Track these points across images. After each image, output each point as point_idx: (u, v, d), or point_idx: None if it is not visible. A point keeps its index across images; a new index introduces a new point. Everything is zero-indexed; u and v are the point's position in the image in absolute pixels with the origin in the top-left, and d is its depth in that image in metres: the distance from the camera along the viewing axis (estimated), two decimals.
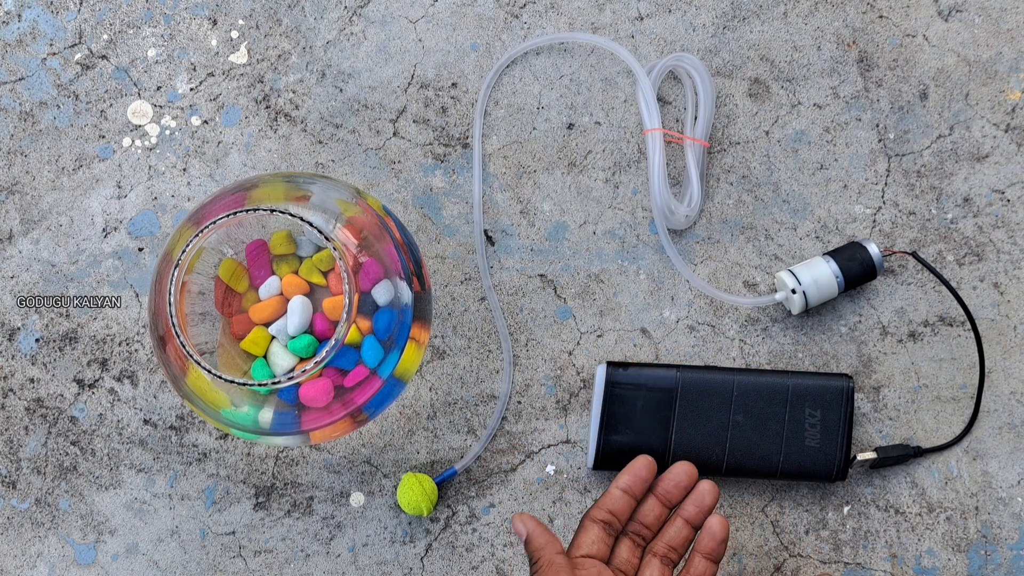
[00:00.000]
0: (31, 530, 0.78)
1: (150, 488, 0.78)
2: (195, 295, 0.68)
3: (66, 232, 0.80)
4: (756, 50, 0.80)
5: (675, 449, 0.75)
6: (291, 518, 0.77)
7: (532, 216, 0.79)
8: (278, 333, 0.68)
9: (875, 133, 0.80)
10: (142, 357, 0.79)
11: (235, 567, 0.77)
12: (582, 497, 0.77)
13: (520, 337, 0.79)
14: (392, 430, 0.78)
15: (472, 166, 0.80)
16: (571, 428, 0.78)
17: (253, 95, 0.81)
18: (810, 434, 0.74)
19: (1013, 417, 0.77)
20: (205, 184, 0.80)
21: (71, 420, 0.78)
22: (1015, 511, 0.76)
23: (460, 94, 0.81)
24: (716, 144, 0.80)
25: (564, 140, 0.80)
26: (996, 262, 0.78)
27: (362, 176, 0.80)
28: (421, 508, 0.75)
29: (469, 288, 0.79)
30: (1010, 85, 0.80)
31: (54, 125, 0.81)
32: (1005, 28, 0.80)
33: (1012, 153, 0.79)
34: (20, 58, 0.81)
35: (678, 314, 0.79)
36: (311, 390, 0.67)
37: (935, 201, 0.79)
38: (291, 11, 0.81)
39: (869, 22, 0.80)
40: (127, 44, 0.81)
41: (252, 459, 0.78)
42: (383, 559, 0.77)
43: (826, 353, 0.78)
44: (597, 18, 0.81)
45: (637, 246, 0.79)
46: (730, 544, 0.77)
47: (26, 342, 0.79)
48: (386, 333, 0.68)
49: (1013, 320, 0.78)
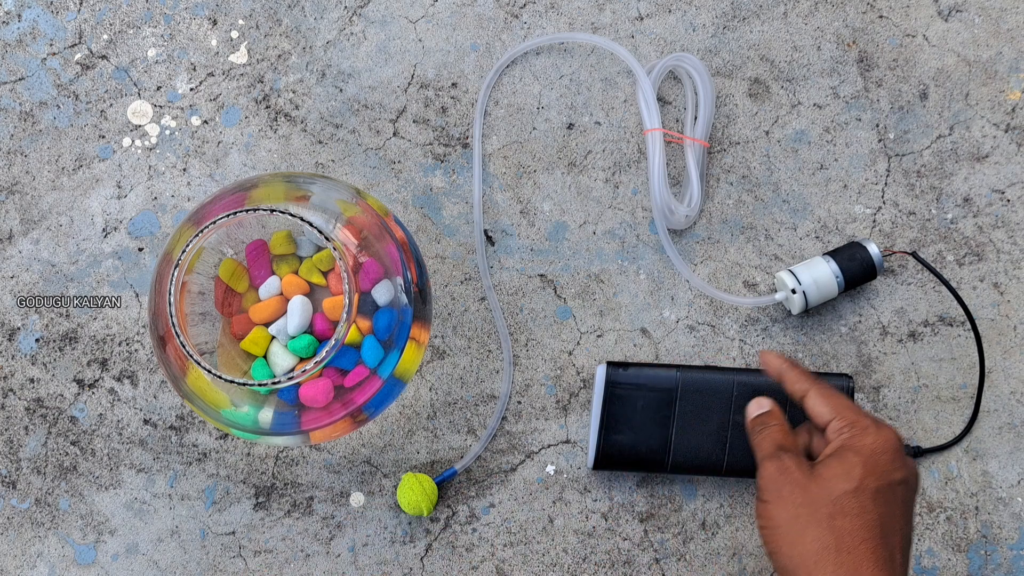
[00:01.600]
0: (31, 530, 0.78)
1: (150, 488, 0.78)
2: (195, 295, 0.68)
3: (66, 232, 0.80)
4: (756, 50, 0.80)
5: (675, 449, 0.75)
6: (291, 518, 0.77)
7: (532, 216, 0.79)
8: (278, 333, 0.68)
9: (875, 133, 0.80)
10: (142, 357, 0.79)
11: (235, 567, 0.77)
12: (582, 497, 0.77)
13: (520, 337, 0.79)
14: (392, 430, 0.78)
15: (472, 166, 0.80)
16: (571, 428, 0.78)
17: (253, 95, 0.81)
18: None
19: (1013, 417, 0.77)
20: (205, 184, 0.80)
21: (71, 420, 0.78)
22: (1015, 511, 0.76)
23: (460, 94, 0.81)
24: (716, 144, 0.80)
25: (564, 140, 0.80)
26: (996, 262, 0.78)
27: (362, 176, 0.80)
28: (421, 508, 0.75)
29: (469, 288, 0.79)
30: (1010, 85, 0.80)
31: (54, 125, 0.81)
32: (1005, 28, 0.80)
33: (1012, 153, 0.79)
34: (20, 58, 0.81)
35: (678, 314, 0.79)
36: (311, 390, 0.67)
37: (935, 201, 0.79)
38: (291, 11, 0.81)
39: (869, 22, 0.80)
40: (127, 44, 0.81)
41: (252, 459, 0.78)
42: (383, 559, 0.77)
43: (826, 353, 0.78)
44: (597, 18, 0.81)
45: (637, 246, 0.79)
46: (730, 544, 0.77)
47: (26, 342, 0.79)
48: (386, 333, 0.68)
49: (1013, 320, 0.78)
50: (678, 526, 0.77)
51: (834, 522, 0.61)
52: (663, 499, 0.77)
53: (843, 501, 0.62)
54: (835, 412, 0.65)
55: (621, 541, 0.77)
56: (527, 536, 0.77)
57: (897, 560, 0.62)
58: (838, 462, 0.63)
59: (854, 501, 0.62)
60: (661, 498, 0.77)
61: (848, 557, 0.61)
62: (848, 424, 0.64)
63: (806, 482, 0.63)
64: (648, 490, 0.77)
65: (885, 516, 0.62)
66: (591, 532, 0.77)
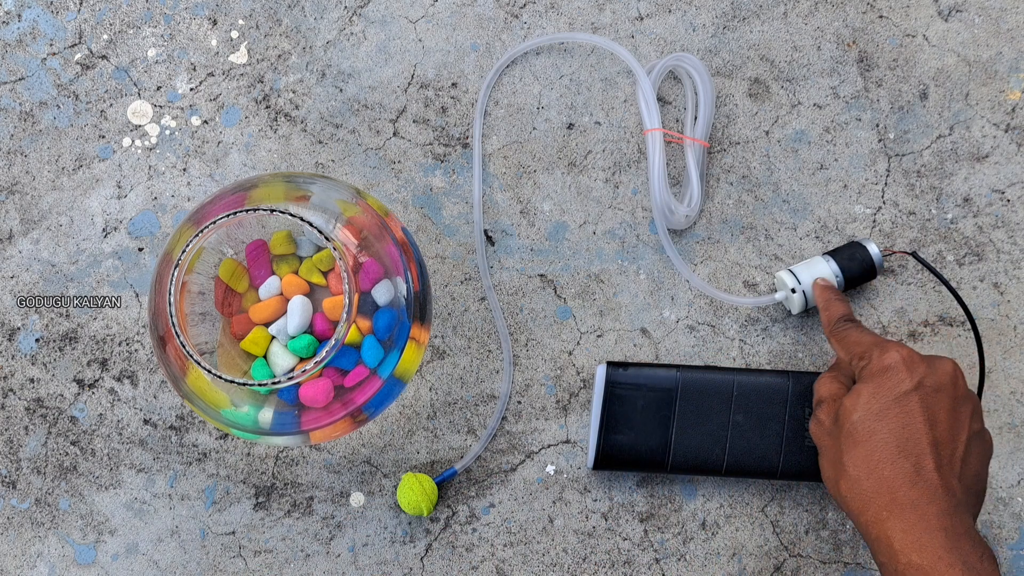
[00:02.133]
0: (31, 530, 0.78)
1: (150, 488, 0.78)
2: (195, 295, 0.68)
3: (66, 232, 0.80)
4: (756, 50, 0.80)
5: (675, 449, 0.75)
6: (291, 518, 0.77)
7: (532, 216, 0.79)
8: (278, 333, 0.68)
9: (875, 133, 0.79)
10: (142, 357, 0.79)
11: (235, 567, 0.77)
12: (582, 497, 0.77)
13: (520, 337, 0.79)
14: (392, 430, 0.78)
15: (472, 166, 0.80)
16: (571, 428, 0.78)
17: (253, 95, 0.81)
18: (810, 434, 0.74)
19: (1013, 417, 0.77)
20: (205, 184, 0.80)
21: (71, 420, 0.78)
22: (1015, 511, 0.76)
23: (460, 94, 0.81)
24: (716, 144, 0.80)
25: (564, 140, 0.80)
26: (996, 262, 0.78)
27: (362, 176, 0.80)
28: (421, 508, 0.75)
29: (469, 288, 0.79)
30: (1010, 85, 0.80)
31: (54, 125, 0.81)
32: (1005, 28, 0.80)
33: (1012, 153, 0.79)
34: (20, 58, 0.81)
35: (678, 314, 0.79)
36: (311, 390, 0.67)
37: (935, 201, 0.79)
38: (291, 11, 0.81)
39: (869, 22, 0.80)
40: (127, 44, 0.81)
41: (252, 459, 0.78)
42: (383, 559, 0.77)
43: (826, 353, 0.78)
44: (597, 18, 0.81)
45: (637, 246, 0.79)
46: (730, 544, 0.77)
47: (26, 342, 0.79)
48: (386, 333, 0.68)
49: (1013, 320, 0.78)
50: (678, 526, 0.77)
51: (850, 455, 0.64)
52: (663, 499, 0.77)
53: (853, 432, 0.64)
54: (849, 352, 0.69)
55: (621, 541, 0.77)
56: (527, 536, 0.77)
57: (927, 466, 0.62)
58: (849, 397, 0.66)
59: (862, 428, 0.64)
60: (661, 498, 0.77)
61: (869, 483, 0.63)
62: (859, 358, 0.67)
63: (834, 429, 0.66)
64: (648, 490, 0.77)
65: (896, 430, 0.63)
66: (591, 532, 0.77)
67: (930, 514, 0.61)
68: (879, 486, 0.62)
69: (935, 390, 0.64)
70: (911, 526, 0.61)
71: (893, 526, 0.61)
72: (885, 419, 0.63)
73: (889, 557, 0.61)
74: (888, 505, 0.62)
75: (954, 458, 0.63)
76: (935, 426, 0.63)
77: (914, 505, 0.61)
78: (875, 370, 0.65)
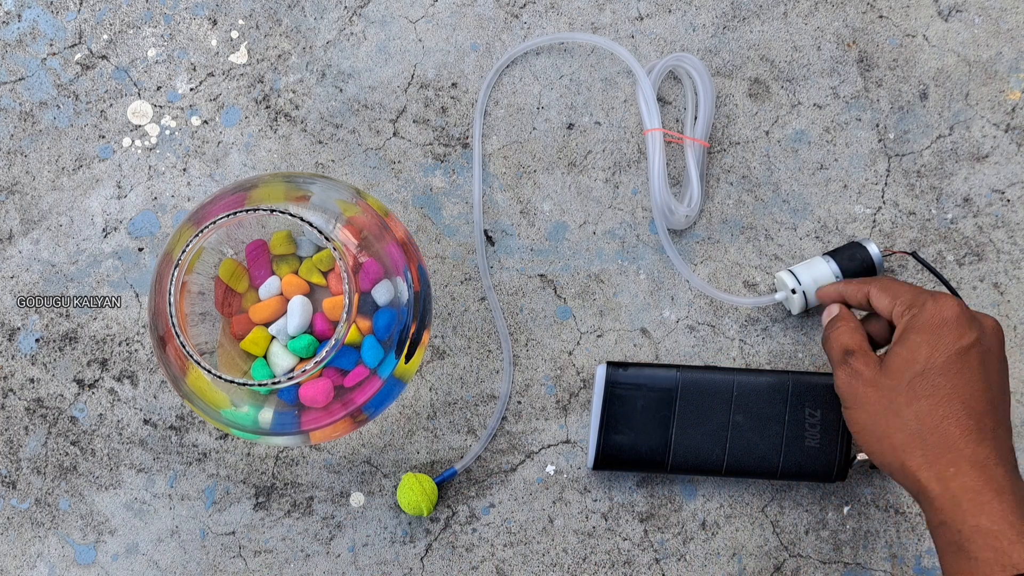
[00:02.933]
0: (31, 530, 0.78)
1: (150, 488, 0.78)
2: (195, 295, 0.68)
3: (66, 232, 0.80)
4: (756, 50, 0.80)
5: (675, 449, 0.75)
6: (291, 518, 0.77)
7: (532, 216, 0.79)
8: (278, 333, 0.68)
9: (875, 133, 0.80)
10: (142, 357, 0.79)
11: (235, 567, 0.77)
12: (582, 497, 0.77)
13: (520, 337, 0.79)
14: (392, 430, 0.78)
15: (472, 166, 0.80)
16: (571, 428, 0.78)
17: (253, 95, 0.81)
18: (810, 434, 0.74)
19: (1013, 417, 0.77)
20: (205, 184, 0.80)
21: (71, 420, 0.78)
22: None
23: (460, 94, 0.81)
24: (716, 144, 0.80)
25: (564, 140, 0.80)
26: (996, 262, 0.78)
27: (362, 176, 0.80)
28: (421, 508, 0.75)
29: (469, 288, 0.79)
30: (1010, 85, 0.80)
31: (54, 125, 0.81)
32: (1005, 28, 0.80)
33: (1012, 153, 0.79)
34: (20, 58, 0.81)
35: (678, 314, 0.79)
36: (311, 390, 0.67)
37: (935, 201, 0.79)
38: (291, 11, 0.81)
39: (869, 22, 0.80)
40: (127, 44, 0.81)
41: (252, 459, 0.78)
42: (383, 559, 0.77)
43: None
44: (597, 18, 0.81)
45: (637, 246, 0.79)
46: (730, 544, 0.77)
47: (26, 342, 0.79)
48: (386, 333, 0.68)
49: (1013, 320, 0.78)
50: (678, 526, 0.77)
51: (911, 409, 0.62)
52: (663, 499, 0.77)
53: (915, 385, 0.62)
54: (895, 298, 0.66)
55: (621, 541, 0.77)
56: (527, 536, 0.77)
57: (987, 425, 0.61)
58: (903, 348, 0.63)
59: (925, 382, 0.62)
60: (661, 498, 0.77)
61: (934, 438, 0.61)
62: (907, 306, 0.65)
63: (877, 378, 0.64)
64: (648, 490, 0.77)
65: (960, 386, 0.62)
66: (591, 532, 0.77)
67: (998, 476, 0.59)
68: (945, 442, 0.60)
69: (988, 349, 0.63)
70: (981, 487, 0.59)
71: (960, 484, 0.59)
72: (948, 374, 0.61)
73: (953, 517, 0.59)
74: (955, 461, 0.59)
75: (1007, 420, 0.62)
76: (991, 386, 0.62)
77: (983, 465, 0.59)
78: (932, 321, 0.63)
